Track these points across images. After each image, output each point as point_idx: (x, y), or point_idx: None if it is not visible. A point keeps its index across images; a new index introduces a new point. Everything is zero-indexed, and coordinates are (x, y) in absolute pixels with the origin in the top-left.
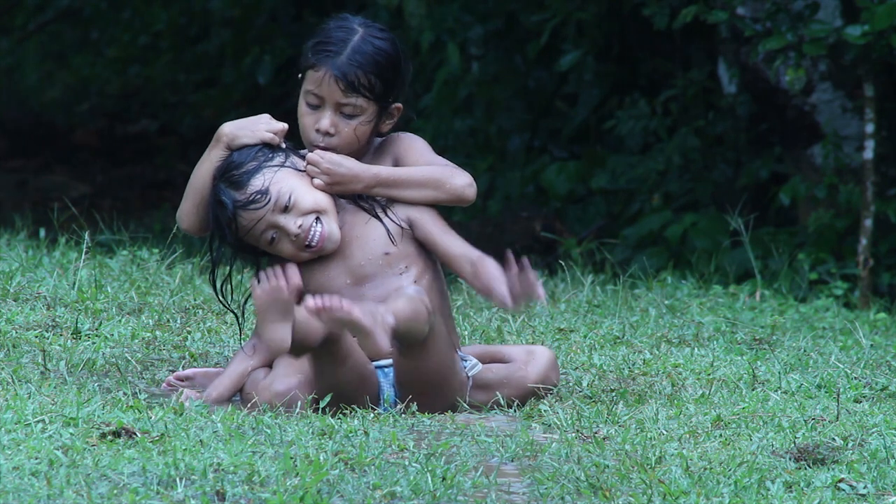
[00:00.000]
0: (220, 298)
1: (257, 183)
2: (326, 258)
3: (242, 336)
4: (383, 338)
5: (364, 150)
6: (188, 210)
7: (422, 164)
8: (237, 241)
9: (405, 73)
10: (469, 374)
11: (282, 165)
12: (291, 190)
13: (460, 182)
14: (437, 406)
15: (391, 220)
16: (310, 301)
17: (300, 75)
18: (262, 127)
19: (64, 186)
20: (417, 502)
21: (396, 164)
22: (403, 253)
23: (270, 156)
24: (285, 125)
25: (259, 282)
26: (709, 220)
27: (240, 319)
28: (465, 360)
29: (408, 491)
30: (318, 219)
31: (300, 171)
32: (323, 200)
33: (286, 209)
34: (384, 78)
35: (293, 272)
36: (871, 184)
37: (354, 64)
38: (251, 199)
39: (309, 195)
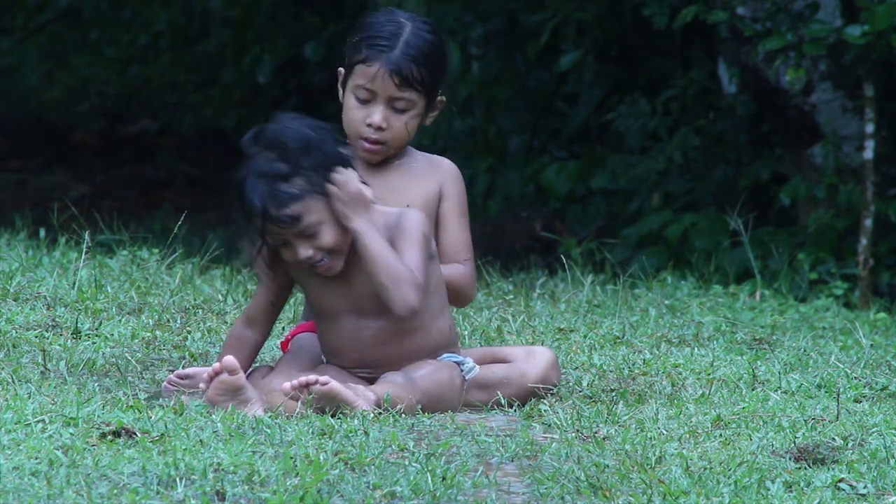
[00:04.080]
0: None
1: (295, 208)
2: (330, 283)
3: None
4: (367, 406)
5: (406, 146)
6: None
7: (452, 220)
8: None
9: (449, 65)
10: (466, 377)
11: (326, 195)
12: (319, 224)
13: (401, 298)
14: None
15: None
16: (286, 385)
17: (341, 69)
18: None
19: (64, 186)
20: (417, 502)
21: (441, 193)
22: None
23: (320, 185)
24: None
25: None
26: (709, 220)
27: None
28: (463, 364)
29: (408, 491)
30: (328, 252)
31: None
32: (342, 241)
33: (306, 237)
34: (433, 71)
35: (229, 362)
36: (871, 184)
37: (409, 58)
38: (279, 218)
39: (331, 235)
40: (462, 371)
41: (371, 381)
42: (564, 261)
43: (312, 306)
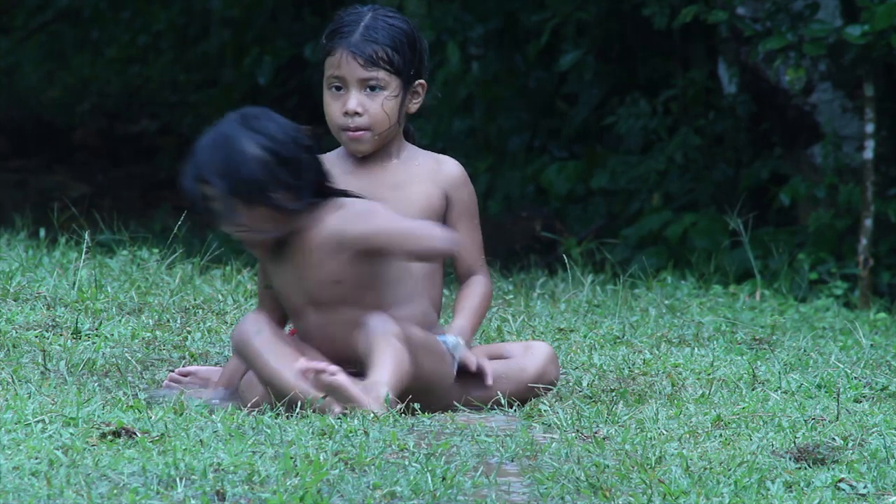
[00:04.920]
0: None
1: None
2: (284, 273)
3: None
4: (373, 405)
5: (396, 132)
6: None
7: (463, 226)
8: None
9: (422, 49)
10: (454, 354)
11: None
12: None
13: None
14: (430, 403)
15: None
16: (302, 361)
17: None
18: None
19: (64, 186)
20: (417, 502)
21: (448, 200)
22: (359, 281)
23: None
24: None
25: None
26: (709, 220)
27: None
28: (446, 340)
29: (408, 491)
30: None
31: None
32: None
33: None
34: (401, 52)
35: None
36: (871, 184)
37: (369, 39)
38: (199, 199)
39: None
40: (446, 347)
41: (358, 376)
42: (565, 261)
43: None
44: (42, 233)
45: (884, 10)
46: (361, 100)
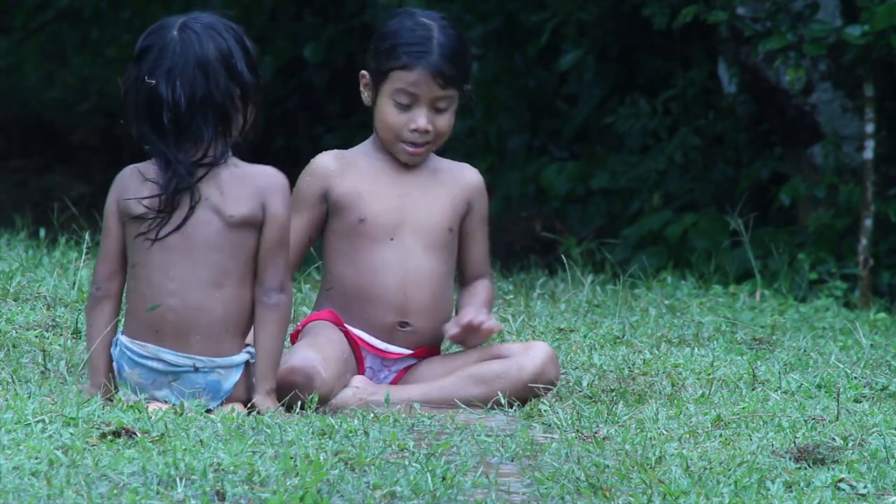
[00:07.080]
0: None
1: None
2: None
3: None
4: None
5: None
6: None
7: (479, 234)
8: None
9: (470, 56)
10: None
11: None
12: None
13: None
14: None
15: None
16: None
17: (364, 73)
18: None
19: (64, 186)
20: (417, 502)
21: (470, 207)
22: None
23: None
24: None
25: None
26: (709, 220)
27: None
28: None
29: (408, 491)
30: None
31: None
32: None
33: None
34: (464, 65)
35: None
36: (871, 184)
37: (446, 59)
38: None
39: None
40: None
41: None
42: (564, 261)
43: None
44: (42, 233)
45: (884, 10)
46: (431, 118)
